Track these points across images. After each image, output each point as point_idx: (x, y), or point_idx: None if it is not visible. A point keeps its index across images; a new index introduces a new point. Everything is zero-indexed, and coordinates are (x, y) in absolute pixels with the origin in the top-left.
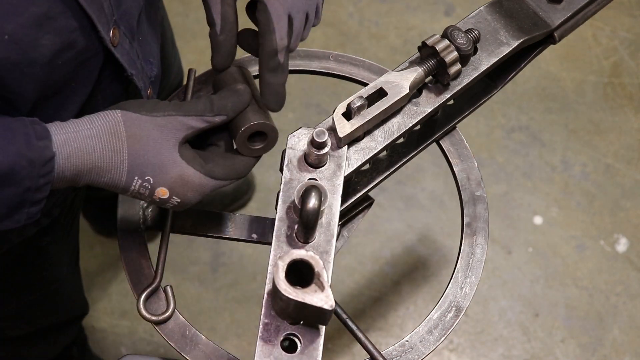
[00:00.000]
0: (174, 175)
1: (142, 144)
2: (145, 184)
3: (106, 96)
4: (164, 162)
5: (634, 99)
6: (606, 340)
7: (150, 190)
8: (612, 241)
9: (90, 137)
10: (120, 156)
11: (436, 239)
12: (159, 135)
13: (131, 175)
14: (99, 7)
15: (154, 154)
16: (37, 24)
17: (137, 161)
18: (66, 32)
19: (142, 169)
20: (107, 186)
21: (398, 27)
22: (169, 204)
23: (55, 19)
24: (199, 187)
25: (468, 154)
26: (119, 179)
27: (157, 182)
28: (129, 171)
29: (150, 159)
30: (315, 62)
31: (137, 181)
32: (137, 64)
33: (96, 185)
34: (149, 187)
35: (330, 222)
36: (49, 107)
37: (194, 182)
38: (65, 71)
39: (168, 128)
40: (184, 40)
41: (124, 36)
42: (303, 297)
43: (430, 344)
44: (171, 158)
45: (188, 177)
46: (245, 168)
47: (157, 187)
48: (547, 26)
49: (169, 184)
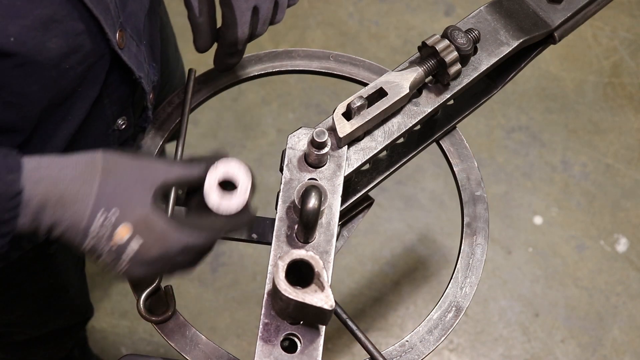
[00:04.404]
0: (142, 214)
1: (116, 177)
2: (109, 220)
3: (113, 100)
4: (133, 199)
5: (634, 99)
6: (606, 340)
7: (111, 229)
8: (612, 241)
9: (64, 166)
10: (89, 187)
11: (436, 239)
12: (136, 174)
13: (97, 207)
14: (105, 9)
15: (125, 189)
16: (43, 26)
17: (106, 192)
18: (73, 35)
19: (110, 201)
20: (68, 227)
21: (398, 27)
22: (123, 255)
23: (62, 22)
24: (161, 236)
25: (468, 154)
26: (83, 212)
27: (122, 216)
28: (95, 203)
29: (121, 193)
30: (315, 62)
31: (102, 215)
32: (144, 66)
33: (58, 225)
34: (112, 223)
35: (330, 222)
36: (58, 113)
37: (158, 229)
38: (73, 75)
39: (147, 170)
40: (184, 40)
41: (131, 38)
42: (303, 297)
43: (430, 344)
44: (142, 198)
45: (153, 222)
46: (220, 227)
47: (120, 223)
48: (547, 26)
49: (134, 220)
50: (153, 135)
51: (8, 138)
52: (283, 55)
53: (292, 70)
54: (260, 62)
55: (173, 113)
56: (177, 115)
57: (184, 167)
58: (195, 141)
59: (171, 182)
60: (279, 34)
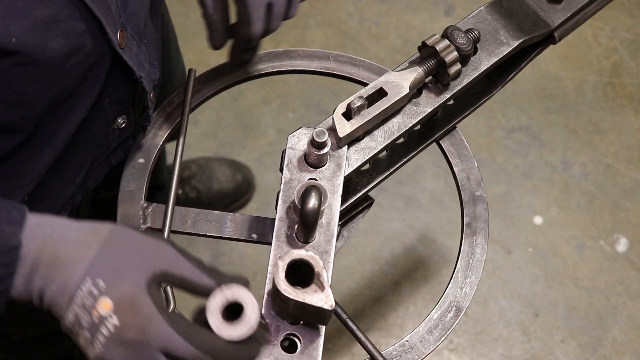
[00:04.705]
0: (127, 292)
1: (116, 248)
2: (94, 289)
3: (113, 100)
4: (124, 275)
5: (634, 99)
6: (606, 340)
7: (93, 301)
8: (612, 241)
9: (69, 228)
10: (85, 252)
11: (436, 239)
12: (139, 251)
13: (85, 274)
14: (107, 9)
15: (121, 262)
16: (45, 26)
17: (100, 260)
18: (74, 35)
19: (100, 271)
20: (56, 291)
21: (398, 27)
22: (101, 329)
23: (63, 22)
24: (142, 322)
25: (468, 154)
26: (72, 275)
27: (106, 289)
28: (86, 269)
29: (115, 264)
30: (315, 62)
31: (87, 284)
32: (145, 66)
33: (48, 288)
34: (95, 295)
35: (330, 222)
36: (58, 113)
37: (141, 313)
38: (74, 75)
39: (152, 251)
40: (184, 40)
41: (131, 38)
42: (303, 297)
43: (430, 344)
44: (136, 276)
45: (139, 304)
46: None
47: (102, 297)
48: (547, 26)
49: (117, 298)
50: (153, 135)
51: (9, 138)
52: (283, 55)
53: (292, 70)
54: (260, 62)
55: (173, 113)
56: (177, 115)
57: (193, 269)
58: (195, 141)
59: (174, 276)
60: (279, 34)
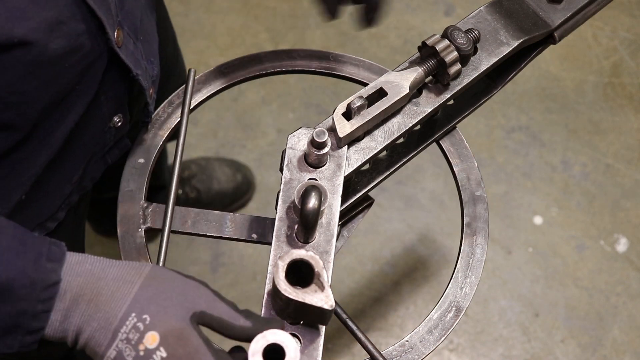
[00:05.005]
0: (175, 326)
1: (159, 286)
2: (140, 324)
3: (109, 97)
4: (169, 311)
5: (634, 99)
6: (606, 340)
7: (140, 335)
8: (612, 241)
9: (110, 265)
10: (129, 288)
11: (436, 239)
12: (179, 289)
13: (130, 310)
14: (107, 9)
15: (164, 299)
16: (49, 28)
17: (143, 297)
18: (74, 35)
19: (144, 307)
20: (97, 328)
21: (398, 27)
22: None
23: (66, 23)
24: (192, 355)
25: (468, 154)
26: (117, 312)
27: (153, 324)
28: (130, 305)
29: (158, 301)
30: (315, 62)
31: (133, 319)
32: (142, 63)
33: (87, 325)
34: (141, 329)
35: (330, 222)
36: (56, 111)
37: (190, 346)
38: (72, 74)
39: (192, 291)
40: (184, 40)
41: (128, 36)
42: (303, 297)
43: (430, 344)
44: (179, 312)
45: (187, 338)
46: None
47: (149, 331)
48: (547, 26)
49: (164, 331)
50: (153, 135)
51: (6, 136)
52: (283, 55)
53: (292, 70)
54: (260, 62)
55: (173, 113)
56: (177, 115)
57: (230, 311)
58: (195, 141)
59: (212, 317)
60: (279, 34)
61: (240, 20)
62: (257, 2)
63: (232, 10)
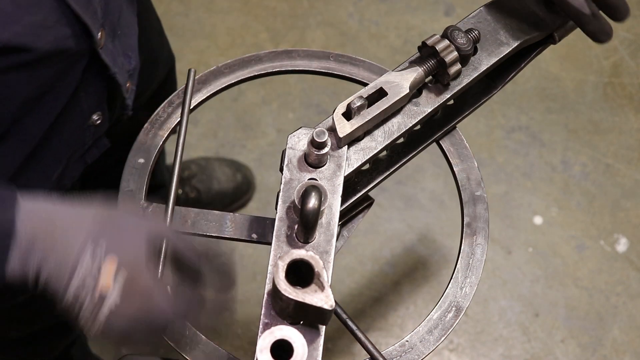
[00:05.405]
0: (131, 250)
1: (112, 216)
2: (98, 249)
3: (89, 94)
4: (125, 237)
5: (634, 99)
6: (606, 340)
7: (98, 261)
8: (612, 241)
9: (61, 202)
10: (83, 221)
11: (436, 239)
12: (132, 219)
13: (87, 238)
14: (93, 13)
15: (119, 226)
16: (34, 32)
17: (98, 226)
18: (61, 39)
19: (101, 235)
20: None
21: (398, 27)
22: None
23: (51, 28)
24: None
25: (468, 154)
26: (74, 241)
27: (110, 248)
28: (88, 234)
29: (113, 228)
30: (315, 62)
31: (90, 247)
32: (119, 60)
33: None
34: (100, 255)
35: (330, 222)
36: (35, 109)
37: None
38: (54, 73)
39: (144, 220)
40: (184, 40)
41: (108, 36)
42: (303, 297)
43: (430, 344)
44: (135, 238)
45: (142, 259)
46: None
47: (108, 254)
48: (547, 26)
49: (122, 253)
50: (153, 135)
51: None
52: (283, 55)
53: (292, 70)
54: (260, 62)
55: (173, 113)
56: (177, 115)
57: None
58: (195, 141)
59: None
60: (279, 34)
61: (241, 20)
62: (258, 2)
63: (233, 10)
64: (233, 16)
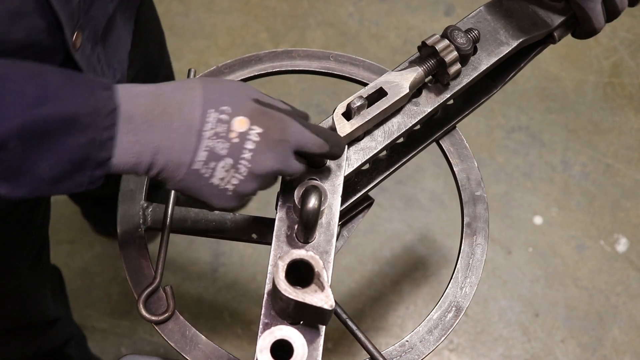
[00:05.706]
0: (255, 107)
1: (217, 85)
2: (223, 115)
3: None
4: (240, 99)
5: (634, 99)
6: (606, 340)
7: (228, 125)
8: (612, 241)
9: (160, 84)
10: (193, 93)
11: (436, 239)
12: (235, 84)
13: (206, 107)
14: (70, 11)
15: (228, 93)
16: (9, 19)
17: (211, 95)
18: (35, 31)
19: (217, 102)
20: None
21: (398, 27)
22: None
23: (26, 17)
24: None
25: (468, 154)
26: (193, 114)
27: (235, 111)
28: (204, 103)
29: (226, 95)
30: (315, 62)
31: (213, 114)
32: (97, 68)
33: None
34: (226, 120)
35: (330, 222)
36: None
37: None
38: None
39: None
40: (184, 40)
41: (87, 41)
42: (303, 297)
43: (430, 344)
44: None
45: (269, 112)
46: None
47: (235, 117)
48: (547, 26)
49: (249, 112)
50: None
51: None
52: (283, 55)
53: (292, 70)
54: (260, 62)
55: None
56: None
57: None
58: None
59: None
60: (279, 34)
61: (241, 20)
62: (258, 2)
63: (233, 10)
64: (233, 16)
